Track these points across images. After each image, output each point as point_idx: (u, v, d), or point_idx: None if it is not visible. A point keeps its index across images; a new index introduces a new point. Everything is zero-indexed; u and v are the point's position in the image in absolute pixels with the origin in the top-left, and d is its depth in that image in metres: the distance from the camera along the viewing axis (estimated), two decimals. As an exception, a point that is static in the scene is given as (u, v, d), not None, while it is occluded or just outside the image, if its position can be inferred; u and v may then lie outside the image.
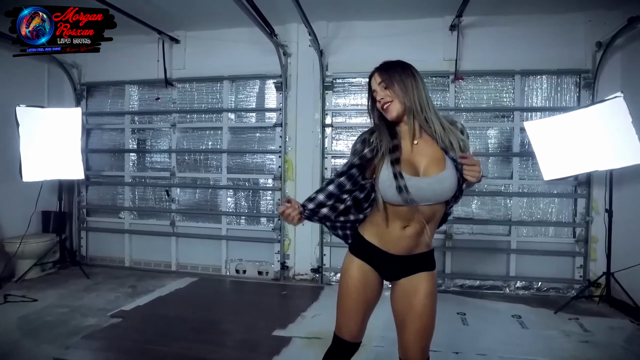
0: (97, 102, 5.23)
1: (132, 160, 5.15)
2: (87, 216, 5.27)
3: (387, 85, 1.55)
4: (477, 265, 4.33)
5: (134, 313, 3.56)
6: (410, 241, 1.57)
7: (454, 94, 4.33)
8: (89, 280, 4.48)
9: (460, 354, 2.80)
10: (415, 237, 1.56)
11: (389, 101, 1.54)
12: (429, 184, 1.49)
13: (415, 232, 1.55)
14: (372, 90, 1.60)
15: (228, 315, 3.57)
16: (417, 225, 1.54)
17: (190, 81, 4.91)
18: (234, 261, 4.79)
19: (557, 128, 3.49)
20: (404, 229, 1.55)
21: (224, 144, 4.80)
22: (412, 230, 1.55)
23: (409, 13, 4.24)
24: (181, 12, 4.37)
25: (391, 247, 1.59)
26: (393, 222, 1.56)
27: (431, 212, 1.54)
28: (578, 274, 4.16)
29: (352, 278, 1.65)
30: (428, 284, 1.60)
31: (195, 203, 4.98)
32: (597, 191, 4.05)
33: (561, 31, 4.12)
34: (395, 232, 1.56)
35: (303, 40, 4.40)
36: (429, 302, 1.59)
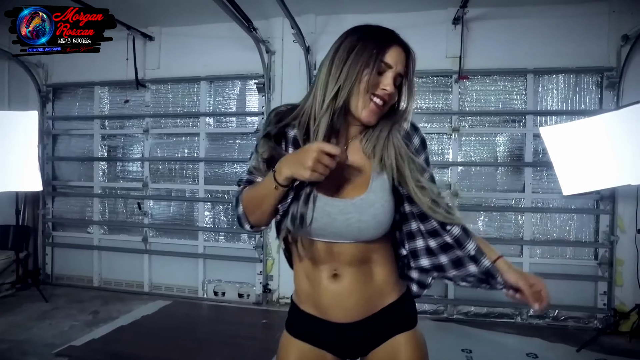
0: (65, 105, 4.78)
1: (102, 169, 4.68)
2: (52, 230, 4.80)
3: (399, 85, 1.05)
4: (484, 290, 3.80)
5: (84, 350, 3.05)
6: (356, 297, 1.07)
7: (458, 96, 3.85)
8: (48, 304, 4.00)
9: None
10: (360, 288, 1.07)
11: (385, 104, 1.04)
12: (342, 210, 1.00)
13: (353, 281, 1.06)
14: (386, 65, 1.01)
15: (199, 352, 3.06)
16: (348, 272, 1.06)
17: (165, 82, 4.45)
18: (212, 282, 4.31)
19: (578, 135, 3.02)
20: (334, 279, 1.06)
21: (201, 151, 4.34)
22: (348, 279, 1.06)
23: (407, 5, 3.78)
24: (155, 5, 3.95)
25: (334, 312, 1.09)
26: (315, 272, 1.08)
27: (354, 252, 1.05)
28: (601, 302, 3.63)
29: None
30: (411, 354, 1.09)
31: (170, 217, 4.51)
32: (623, 206, 3.55)
33: (580, 23, 3.62)
34: (325, 286, 1.07)
35: (288, 37, 3.95)
36: None
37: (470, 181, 3.88)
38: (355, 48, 0.99)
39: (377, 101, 1.01)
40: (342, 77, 0.99)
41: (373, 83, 0.99)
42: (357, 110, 1.02)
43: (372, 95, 1.01)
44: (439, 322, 3.73)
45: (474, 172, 3.89)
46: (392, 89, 1.01)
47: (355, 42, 1.00)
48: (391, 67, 1.01)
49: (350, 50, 1.00)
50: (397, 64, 1.01)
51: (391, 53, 1.01)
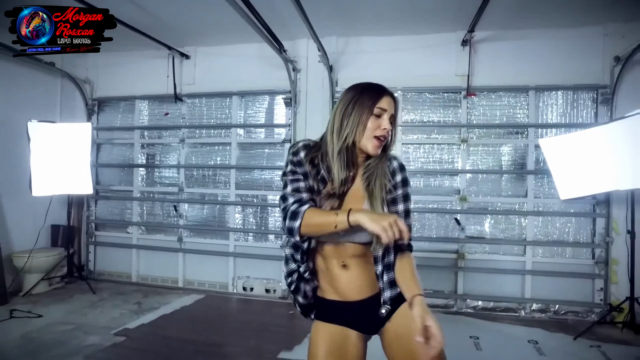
0: (108, 117, 5.26)
1: (141, 175, 5.15)
2: (95, 230, 5.27)
3: (392, 123, 1.42)
4: (490, 286, 4.17)
5: (138, 332, 3.50)
6: (362, 280, 1.43)
7: (466, 110, 4.24)
8: (95, 295, 4.45)
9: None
10: (363, 273, 1.44)
11: (385, 139, 1.41)
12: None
13: (359, 270, 1.43)
14: (381, 109, 1.38)
15: (233, 336, 3.48)
16: (353, 262, 1.42)
17: (200, 96, 4.91)
18: (241, 278, 4.72)
19: (573, 145, 3.38)
20: (344, 268, 1.42)
21: (232, 159, 4.77)
22: (355, 269, 1.43)
23: (420, 28, 4.18)
24: (191, 28, 4.39)
25: (349, 293, 1.44)
26: (330, 262, 1.43)
27: (355, 250, 1.41)
28: (598, 298, 3.97)
29: (321, 344, 1.43)
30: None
31: (203, 219, 4.94)
32: (617, 210, 3.89)
33: (577, 45, 4.01)
34: (339, 274, 1.43)
35: (312, 56, 4.37)
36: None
37: (477, 187, 4.26)
38: (357, 102, 1.38)
39: (380, 138, 1.39)
40: (350, 125, 1.37)
41: (374, 126, 1.38)
42: (366, 147, 1.39)
43: (375, 136, 1.38)
44: (449, 314, 4.10)
45: (481, 179, 4.27)
46: (390, 126, 1.39)
47: (357, 97, 1.39)
48: (386, 110, 1.38)
49: (354, 104, 1.38)
50: (390, 107, 1.39)
51: (384, 100, 1.38)
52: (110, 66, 5.11)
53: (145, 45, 4.60)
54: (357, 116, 1.37)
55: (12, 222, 4.45)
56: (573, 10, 3.68)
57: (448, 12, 3.79)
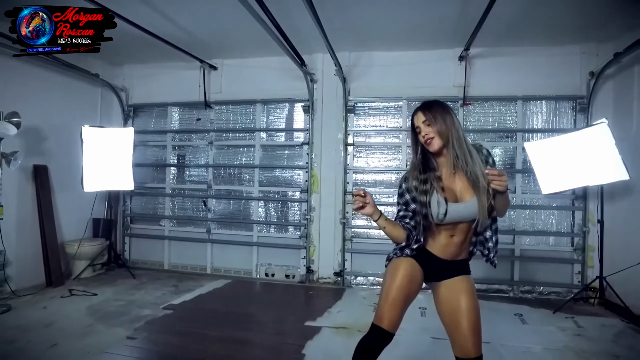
0: (142, 122, 5.86)
1: (173, 174, 5.75)
2: (130, 224, 5.86)
3: (430, 123, 1.80)
4: (484, 270, 4.75)
5: (182, 306, 4.10)
6: (456, 248, 1.86)
7: (463, 117, 4.84)
8: (135, 280, 5.04)
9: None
10: (460, 244, 1.86)
11: (432, 137, 1.79)
12: (465, 208, 1.78)
13: (460, 240, 1.85)
14: (416, 127, 1.84)
15: (263, 310, 4.08)
16: (461, 235, 1.84)
17: (226, 104, 5.52)
18: (263, 265, 5.31)
19: (553, 148, 3.95)
20: (451, 238, 1.85)
21: (256, 160, 5.37)
22: (458, 239, 1.85)
23: (423, 45, 4.78)
24: (219, 42, 4.95)
25: (441, 253, 1.88)
26: (441, 233, 1.87)
27: (466, 226, 1.83)
28: (577, 280, 4.58)
29: (403, 270, 1.87)
30: (470, 285, 1.85)
31: (230, 213, 5.54)
32: (593, 204, 4.48)
33: (559, 61, 4.63)
34: (444, 240, 1.86)
35: (328, 69, 4.98)
36: (474, 301, 1.81)
37: (472, 184, 4.85)
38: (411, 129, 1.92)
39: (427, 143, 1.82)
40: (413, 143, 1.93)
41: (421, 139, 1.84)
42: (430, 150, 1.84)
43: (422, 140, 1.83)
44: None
45: (476, 176, 4.86)
46: (425, 130, 1.81)
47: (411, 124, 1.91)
48: (418, 127, 1.85)
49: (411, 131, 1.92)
50: (418, 120, 1.84)
51: (415, 120, 1.86)
52: (145, 77, 5.73)
53: (178, 58, 5.18)
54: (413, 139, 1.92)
55: (63, 215, 5.04)
56: (555, 31, 4.29)
57: (447, 32, 4.40)
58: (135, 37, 4.35)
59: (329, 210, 5.06)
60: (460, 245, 1.86)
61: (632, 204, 4.09)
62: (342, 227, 5.03)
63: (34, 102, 4.58)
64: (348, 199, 5.05)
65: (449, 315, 1.82)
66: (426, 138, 1.81)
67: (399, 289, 1.83)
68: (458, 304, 1.79)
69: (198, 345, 3.13)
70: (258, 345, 3.21)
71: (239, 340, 3.27)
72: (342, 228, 5.03)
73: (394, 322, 1.81)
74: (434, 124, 1.79)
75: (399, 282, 1.84)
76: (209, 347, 3.09)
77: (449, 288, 1.86)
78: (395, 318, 1.81)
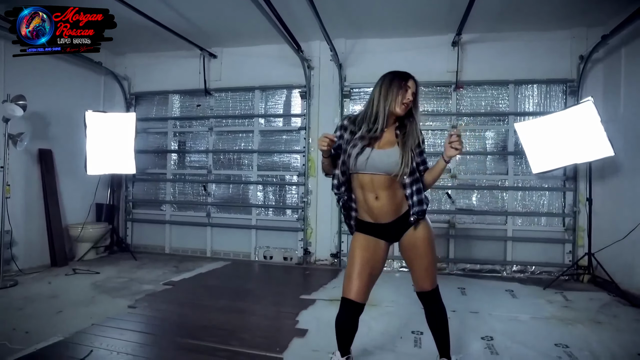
0: (144, 109, 6.01)
1: (173, 160, 5.89)
2: (132, 209, 6.00)
3: (415, 96, 1.99)
4: (477, 251, 4.89)
5: (182, 282, 4.23)
6: (388, 208, 1.99)
7: (456, 101, 4.96)
8: (137, 261, 5.18)
9: (456, 312, 3.34)
10: (388, 204, 1.98)
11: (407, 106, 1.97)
12: (379, 155, 1.94)
13: (387, 200, 1.97)
14: (407, 86, 1.95)
15: (261, 286, 4.23)
16: (383, 194, 1.96)
17: (226, 91, 5.65)
18: (262, 248, 5.44)
19: (542, 128, 4.08)
20: (377, 200, 1.97)
21: (254, 145, 5.51)
22: (384, 199, 1.97)
23: (416, 31, 4.90)
24: (219, 30, 5.09)
25: (379, 217, 2.01)
26: (366, 195, 1.98)
27: (384, 182, 1.95)
28: (567, 259, 4.69)
29: (358, 245, 2.03)
30: (421, 233, 2.02)
31: (229, 197, 5.68)
32: (584, 185, 4.59)
33: (549, 46, 4.74)
34: (373, 204, 1.98)
35: (324, 55, 5.12)
36: (427, 246, 2.02)
37: (465, 166, 5.00)
38: (394, 81, 2.02)
39: (405, 104, 1.95)
40: (389, 97, 1.97)
41: (402, 98, 2.01)
42: (396, 110, 2.00)
43: (402, 103, 1.94)
44: (441, 276, 4.77)
45: (469, 159, 5.00)
46: (412, 98, 1.96)
47: (394, 78, 1.98)
48: (410, 88, 1.96)
49: (390, 83, 1.96)
50: (412, 86, 1.96)
51: (409, 82, 1.97)
52: (147, 66, 5.87)
53: (178, 46, 5.33)
54: (395, 90, 1.96)
55: (67, 199, 5.18)
56: (545, 17, 4.41)
57: (438, 18, 4.51)
58: (138, 26, 4.52)
59: (326, 193, 5.17)
60: (389, 202, 1.99)
61: (620, 183, 4.20)
62: (339, 210, 5.15)
63: (39, 88, 4.71)
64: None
65: (408, 261, 2.09)
66: (407, 102, 1.96)
67: (358, 261, 2.00)
68: (413, 252, 2.04)
69: (198, 313, 3.26)
70: (256, 313, 3.34)
71: (238, 309, 3.40)
72: (338, 210, 5.15)
73: (361, 292, 1.97)
74: (415, 98, 2.00)
75: (357, 255, 2.02)
76: (208, 315, 3.23)
77: (406, 241, 2.05)
78: (361, 287, 1.97)
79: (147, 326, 2.99)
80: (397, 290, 3.97)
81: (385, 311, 3.37)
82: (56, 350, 2.48)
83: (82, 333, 2.75)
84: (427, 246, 2.03)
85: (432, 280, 2.05)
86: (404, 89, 1.96)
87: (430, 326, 2.14)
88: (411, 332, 2.90)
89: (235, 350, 2.56)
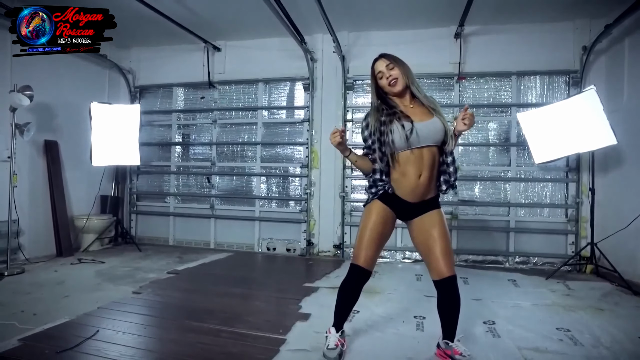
0: (149, 102, 6.05)
1: (178, 152, 5.93)
2: (137, 201, 6.05)
3: (393, 66, 2.06)
4: (480, 242, 4.90)
5: (186, 271, 4.27)
6: (424, 189, 2.02)
7: (458, 93, 4.98)
8: (142, 252, 5.22)
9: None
10: (428, 183, 2.02)
11: (396, 78, 2.04)
12: (432, 123, 2.00)
13: (427, 178, 2.01)
14: (377, 73, 2.08)
15: (264, 275, 4.27)
16: (427, 171, 2.00)
17: (230, 83, 5.69)
18: (265, 240, 5.47)
19: (544, 118, 4.08)
20: (419, 178, 2.00)
21: (258, 137, 5.54)
22: (425, 176, 2.00)
23: (419, 23, 4.90)
24: (222, 23, 5.10)
25: (410, 196, 2.04)
26: (408, 173, 2.01)
27: (431, 156, 2.01)
28: (570, 250, 4.69)
29: (375, 215, 2.06)
30: (440, 217, 2.08)
31: (232, 189, 5.71)
32: (586, 176, 4.57)
33: (552, 37, 4.74)
34: (413, 182, 2.00)
35: (327, 48, 5.13)
36: (444, 228, 2.05)
37: (468, 158, 5.01)
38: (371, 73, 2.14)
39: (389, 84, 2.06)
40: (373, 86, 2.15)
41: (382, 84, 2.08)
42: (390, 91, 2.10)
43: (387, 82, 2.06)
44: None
45: (472, 150, 5.01)
46: (388, 73, 2.05)
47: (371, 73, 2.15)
48: (382, 71, 2.08)
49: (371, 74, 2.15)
50: (381, 65, 2.08)
51: (376, 66, 2.11)
52: (151, 59, 5.91)
53: (183, 40, 5.36)
54: (373, 80, 2.14)
55: (72, 190, 5.23)
56: (548, 8, 4.41)
57: (441, 10, 4.52)
58: (143, 19, 4.56)
59: (329, 185, 5.20)
60: (427, 184, 2.03)
61: (623, 173, 4.20)
62: (342, 201, 5.18)
63: (45, 80, 4.74)
64: (347, 174, 5.20)
65: (423, 245, 2.07)
66: (391, 79, 2.04)
67: (373, 230, 2.04)
68: (430, 234, 2.04)
69: (202, 298, 3.30)
70: (259, 299, 3.36)
71: (242, 295, 3.43)
72: (341, 202, 5.18)
73: (370, 260, 2.03)
74: (396, 66, 2.06)
75: (372, 224, 2.05)
76: (212, 300, 3.26)
77: (421, 222, 2.08)
78: (370, 256, 2.03)
79: (152, 309, 3.03)
80: (400, 280, 4.00)
81: (388, 298, 3.40)
82: (63, 329, 2.51)
83: (88, 315, 2.78)
84: (445, 228, 2.06)
85: (450, 265, 2.02)
86: (378, 77, 2.10)
87: (441, 313, 2.13)
88: (413, 316, 2.91)
89: (240, 332, 2.58)
